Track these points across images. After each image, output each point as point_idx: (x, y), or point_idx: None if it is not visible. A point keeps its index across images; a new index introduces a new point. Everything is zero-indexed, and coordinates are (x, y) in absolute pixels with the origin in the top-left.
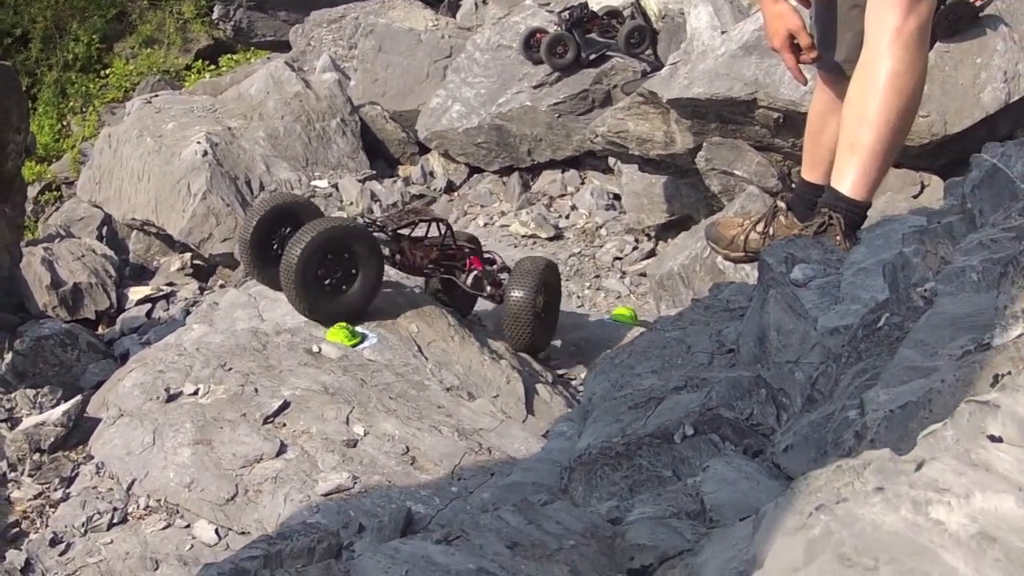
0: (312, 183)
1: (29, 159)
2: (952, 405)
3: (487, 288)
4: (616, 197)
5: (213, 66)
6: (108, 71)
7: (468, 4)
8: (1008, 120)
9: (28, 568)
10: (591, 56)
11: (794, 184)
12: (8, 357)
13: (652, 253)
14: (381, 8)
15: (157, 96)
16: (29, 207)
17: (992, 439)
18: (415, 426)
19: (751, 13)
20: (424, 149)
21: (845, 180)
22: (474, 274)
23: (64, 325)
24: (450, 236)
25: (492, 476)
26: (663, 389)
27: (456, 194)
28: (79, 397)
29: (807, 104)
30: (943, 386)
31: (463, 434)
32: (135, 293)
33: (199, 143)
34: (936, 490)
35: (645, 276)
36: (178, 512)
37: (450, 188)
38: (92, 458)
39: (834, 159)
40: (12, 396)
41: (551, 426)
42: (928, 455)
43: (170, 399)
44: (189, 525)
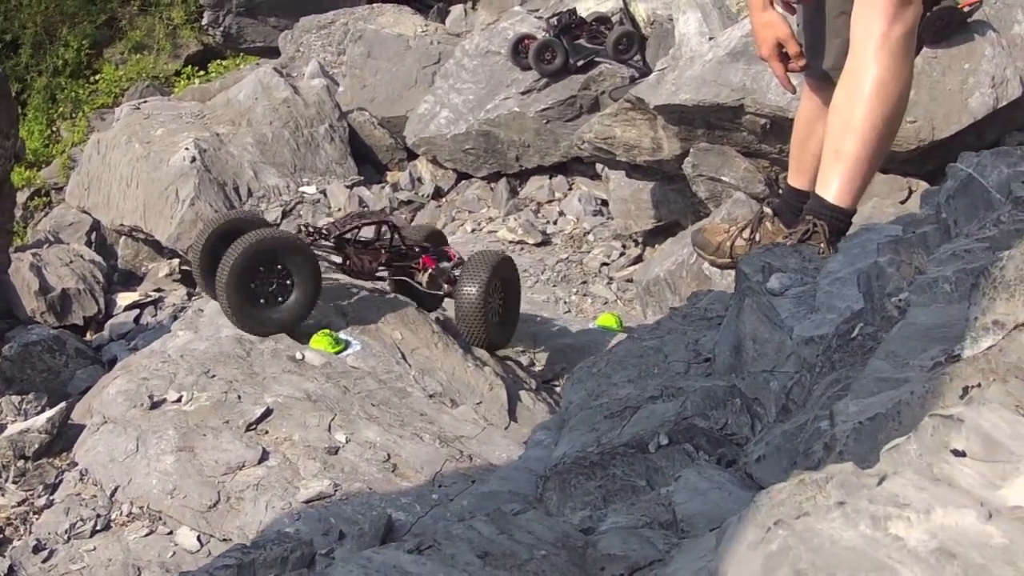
0: (300, 189)
1: (18, 165)
2: (921, 417)
3: (443, 286)
4: (604, 203)
5: (202, 72)
6: (98, 77)
7: (457, 10)
8: (996, 126)
9: (11, 574)
10: (579, 62)
11: (781, 190)
12: None
13: (639, 259)
14: (370, 14)
15: (146, 102)
16: (18, 213)
17: (955, 453)
18: (397, 433)
19: (739, 19)
20: (412, 155)
21: (830, 187)
22: (428, 272)
23: (52, 331)
24: (398, 237)
25: (473, 483)
26: (639, 398)
27: (444, 200)
28: (63, 404)
29: (794, 110)
30: (912, 398)
31: (445, 441)
32: (123, 299)
33: (187, 149)
34: (896, 505)
35: (632, 282)
36: (161, 519)
37: (438, 194)
38: (76, 465)
39: (820, 166)
40: None
41: (530, 434)
42: (891, 469)
43: (154, 406)
44: (171, 532)
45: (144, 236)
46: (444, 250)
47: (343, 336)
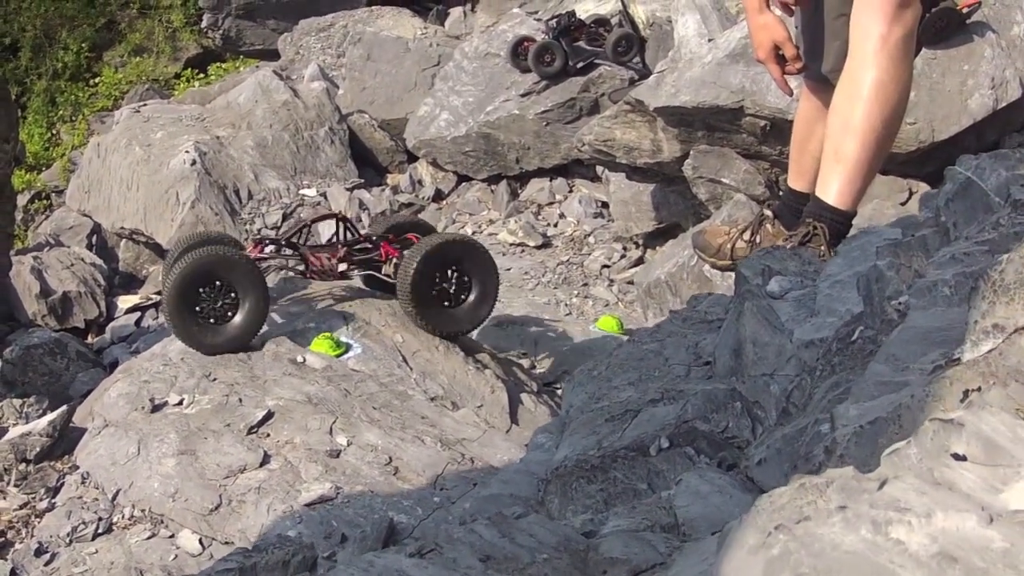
0: (300, 192)
1: (19, 168)
2: (921, 421)
3: None
4: (604, 205)
5: (202, 75)
6: (97, 80)
7: (456, 12)
8: (996, 127)
9: None
10: (579, 64)
11: (781, 192)
12: None
13: (640, 261)
14: (369, 17)
15: (146, 105)
16: (19, 216)
17: (956, 457)
18: (398, 436)
19: (738, 21)
20: (412, 158)
21: (830, 190)
22: (392, 262)
23: (53, 334)
24: (350, 230)
25: (474, 486)
26: (640, 401)
27: (444, 202)
28: (65, 407)
29: (794, 112)
30: (913, 401)
31: (446, 444)
32: (124, 302)
33: (188, 152)
34: (897, 509)
35: (633, 284)
36: (162, 522)
37: (438, 196)
38: (77, 468)
39: (819, 168)
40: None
41: (531, 437)
42: (891, 473)
43: (155, 409)
44: (173, 535)
45: (145, 239)
46: (407, 238)
47: (344, 339)
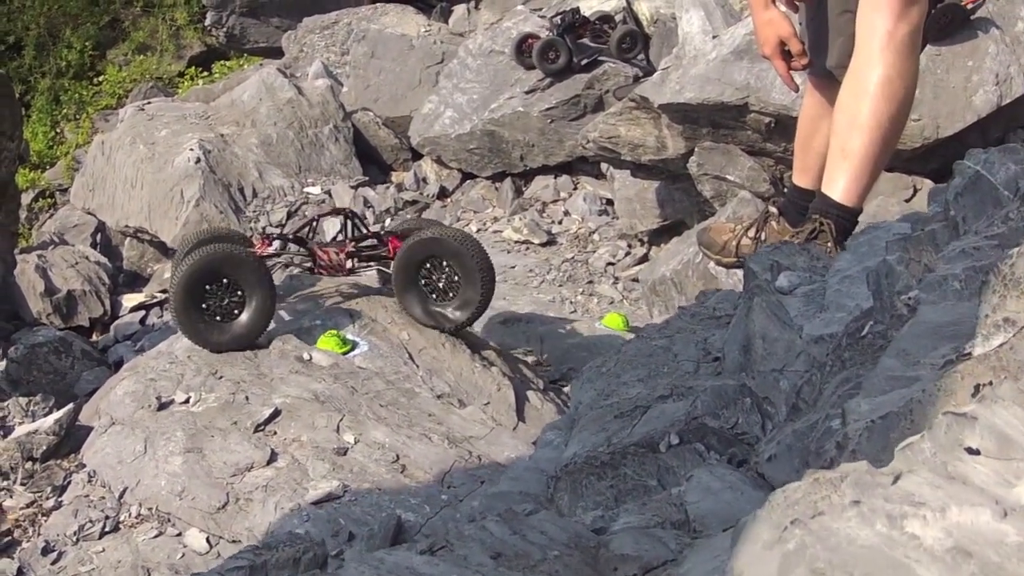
0: (305, 189)
1: (23, 166)
2: (933, 415)
3: None
4: (609, 202)
5: (206, 73)
6: (101, 78)
7: (460, 10)
8: (1000, 123)
9: None
10: (583, 61)
11: (785, 189)
12: (2, 365)
13: (645, 258)
14: (373, 14)
15: (150, 103)
16: (23, 214)
17: (969, 451)
18: (405, 434)
19: (743, 18)
20: (417, 155)
21: (836, 186)
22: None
23: (58, 332)
24: (358, 226)
25: (482, 484)
26: (649, 398)
27: (449, 200)
28: (71, 406)
29: (799, 108)
30: (924, 396)
31: (453, 442)
32: (129, 300)
33: (192, 150)
34: (912, 504)
35: (638, 281)
36: (169, 520)
37: (443, 194)
38: (84, 466)
39: (824, 164)
40: (5, 404)
41: (539, 434)
42: (905, 468)
43: (161, 407)
44: (180, 533)
45: (149, 237)
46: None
47: (350, 336)
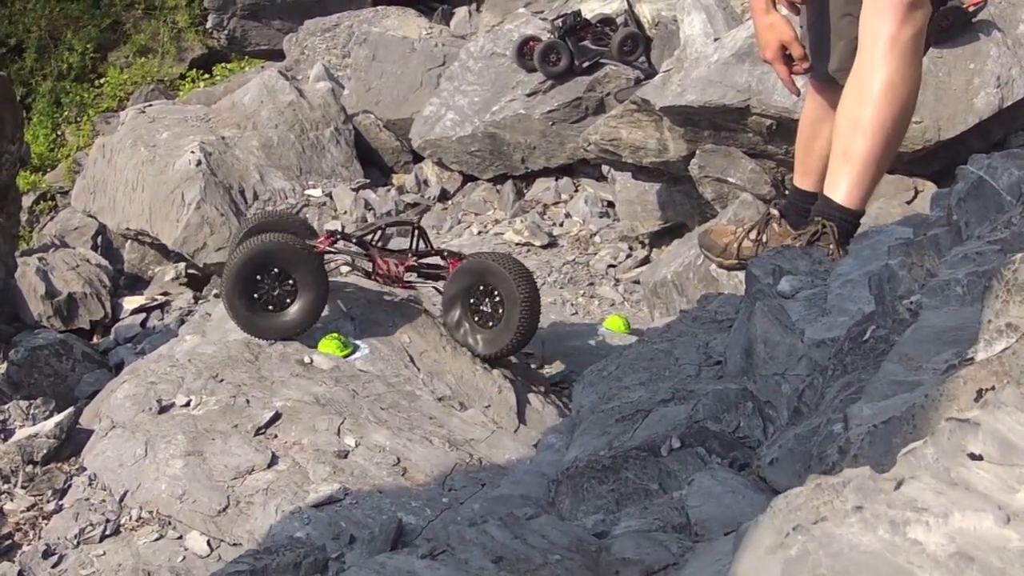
0: (306, 192)
1: (24, 169)
2: (935, 420)
3: None
4: (610, 205)
5: (207, 75)
6: (102, 80)
7: (461, 12)
8: (1002, 126)
9: None
10: (584, 64)
11: (787, 191)
12: (2, 367)
13: (646, 261)
14: (375, 17)
15: (151, 105)
16: (24, 217)
17: (972, 457)
18: (406, 437)
19: (744, 20)
20: (418, 158)
21: (838, 189)
22: None
23: (59, 335)
24: (424, 241)
25: (483, 487)
26: (650, 401)
27: (450, 202)
28: (72, 409)
29: (800, 111)
30: (927, 401)
31: (454, 445)
32: (130, 303)
33: (193, 152)
34: (914, 509)
35: (639, 284)
36: (170, 523)
37: (444, 196)
38: (85, 470)
39: (826, 167)
40: (6, 407)
41: (540, 438)
42: (907, 473)
43: (162, 410)
44: (181, 536)
45: (150, 240)
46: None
47: (351, 339)
